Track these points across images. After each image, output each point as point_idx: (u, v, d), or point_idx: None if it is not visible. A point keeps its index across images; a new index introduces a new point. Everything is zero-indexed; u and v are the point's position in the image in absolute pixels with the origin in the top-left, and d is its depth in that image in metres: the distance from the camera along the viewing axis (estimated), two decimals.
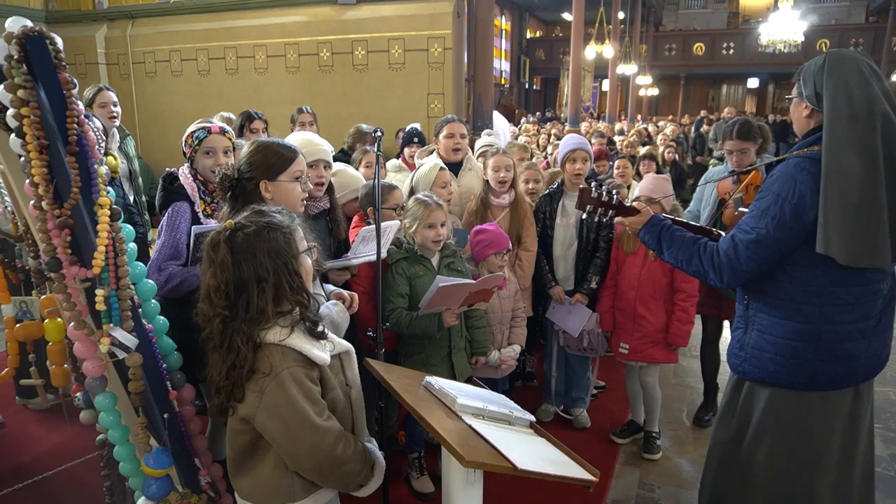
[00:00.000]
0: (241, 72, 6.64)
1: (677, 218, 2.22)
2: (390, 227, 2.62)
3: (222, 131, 2.43)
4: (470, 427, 1.54)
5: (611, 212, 2.18)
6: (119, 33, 7.08)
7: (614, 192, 2.18)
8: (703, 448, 3.35)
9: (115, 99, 3.95)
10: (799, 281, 1.85)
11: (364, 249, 2.60)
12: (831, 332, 1.85)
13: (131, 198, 3.90)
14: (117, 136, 4.00)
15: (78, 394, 2.20)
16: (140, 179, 4.12)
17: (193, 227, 2.15)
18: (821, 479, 1.93)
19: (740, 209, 2.57)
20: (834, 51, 1.87)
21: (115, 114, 3.91)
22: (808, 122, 1.91)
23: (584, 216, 2.20)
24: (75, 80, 1.57)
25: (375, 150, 2.45)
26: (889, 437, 3.54)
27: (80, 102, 1.58)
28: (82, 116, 1.57)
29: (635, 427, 3.47)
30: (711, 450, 2.21)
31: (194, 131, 2.40)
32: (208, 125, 2.43)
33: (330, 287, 2.32)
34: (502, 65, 23.76)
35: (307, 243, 1.62)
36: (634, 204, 2.19)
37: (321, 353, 1.55)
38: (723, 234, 2.15)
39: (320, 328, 1.58)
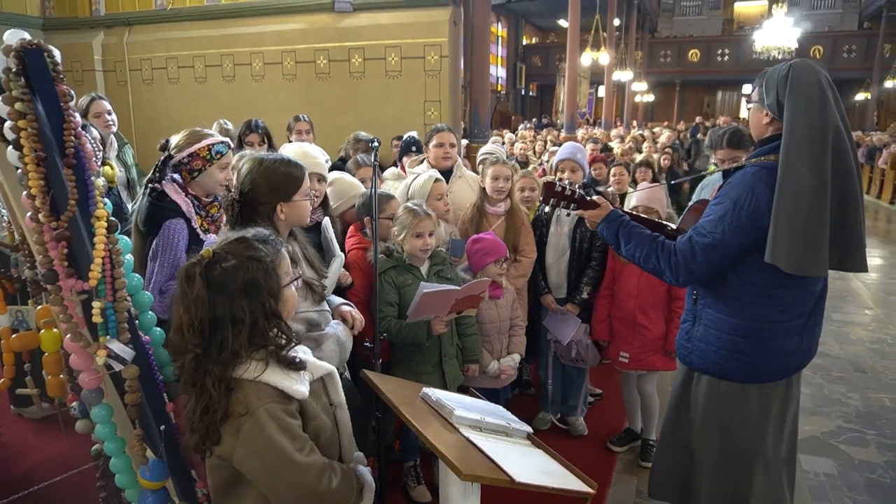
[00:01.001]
0: (237, 79, 6.65)
1: (636, 213, 2.30)
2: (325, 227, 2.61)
3: (232, 146, 2.44)
4: (467, 439, 1.54)
5: (573, 205, 2.23)
6: (116, 40, 7.09)
7: (577, 187, 2.25)
8: None
9: (109, 107, 3.95)
10: (746, 282, 1.95)
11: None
12: (771, 330, 1.97)
13: (129, 206, 3.89)
14: (115, 144, 4.00)
15: (74, 403, 2.19)
16: (138, 188, 4.10)
17: (206, 245, 2.09)
18: (757, 462, 2.07)
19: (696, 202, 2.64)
20: (797, 62, 1.92)
21: (110, 122, 3.91)
22: (766, 128, 1.98)
23: (547, 209, 2.25)
24: (72, 93, 1.57)
25: (373, 159, 2.47)
26: (884, 443, 3.55)
27: (77, 115, 1.58)
28: (79, 128, 1.57)
29: (632, 435, 3.47)
30: (662, 437, 2.34)
31: (213, 144, 2.35)
32: (226, 140, 2.41)
33: (336, 300, 2.31)
34: (498, 71, 23.85)
35: (293, 273, 1.59)
36: (595, 198, 2.23)
37: (299, 386, 1.49)
38: (679, 228, 2.23)
39: (298, 360, 1.52)
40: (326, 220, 2.57)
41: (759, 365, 2.00)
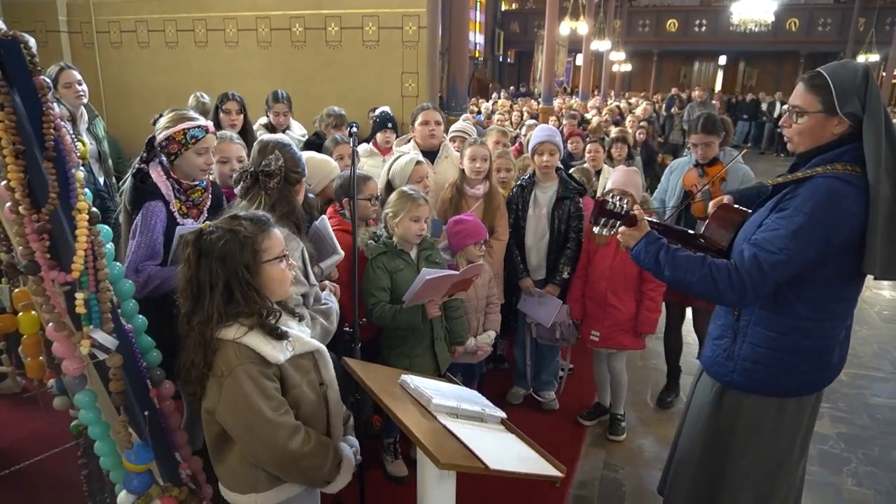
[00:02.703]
0: (210, 45, 6.49)
1: (660, 221, 2.17)
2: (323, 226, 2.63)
3: (210, 130, 2.42)
4: (444, 427, 1.62)
5: (619, 223, 2.01)
6: (82, 0, 6.82)
7: (625, 201, 2.01)
8: (666, 429, 3.53)
9: (80, 77, 3.85)
10: (806, 299, 1.86)
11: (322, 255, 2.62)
12: (824, 346, 1.92)
13: (101, 180, 3.83)
14: (86, 116, 3.91)
15: (51, 380, 2.20)
16: (110, 161, 4.04)
17: (178, 229, 2.14)
18: (788, 473, 2.07)
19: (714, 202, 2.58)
20: (863, 64, 1.83)
21: (80, 93, 3.82)
22: (831, 136, 1.82)
23: (597, 230, 2.01)
24: (50, 84, 1.55)
25: (352, 145, 2.47)
26: (836, 416, 3.75)
27: (56, 106, 1.57)
28: (59, 120, 1.56)
29: (601, 409, 3.61)
30: (684, 460, 2.23)
31: (188, 129, 2.33)
32: (204, 124, 2.39)
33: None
34: (476, 37, 23.48)
35: (280, 250, 1.67)
36: (634, 212, 2.00)
37: (276, 352, 1.60)
38: (707, 236, 2.10)
39: (280, 331, 1.64)
40: (324, 219, 2.61)
41: (806, 379, 1.95)
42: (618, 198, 1.99)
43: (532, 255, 3.49)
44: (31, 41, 1.53)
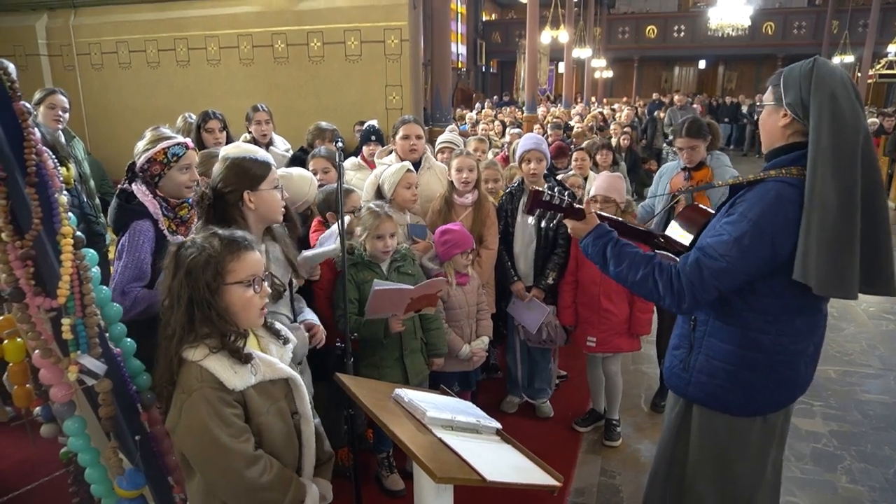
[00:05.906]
0: (192, 64, 6.47)
1: (616, 217, 2.10)
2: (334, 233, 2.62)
3: (190, 146, 2.40)
4: (440, 440, 1.61)
5: (559, 215, 1.99)
6: (61, 23, 6.80)
7: (566, 193, 1.95)
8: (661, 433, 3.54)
9: (66, 105, 3.81)
10: (757, 310, 1.77)
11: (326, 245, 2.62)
12: (782, 362, 1.80)
13: (87, 201, 3.79)
14: (62, 139, 3.87)
15: (37, 408, 2.17)
16: (91, 182, 4.01)
17: None
18: (759, 494, 1.97)
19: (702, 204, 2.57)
20: (821, 58, 1.71)
21: (60, 118, 3.78)
22: (783, 132, 1.75)
23: (532, 221, 1.97)
24: (31, 109, 1.54)
25: (338, 159, 2.47)
26: (828, 414, 3.77)
27: (37, 132, 1.55)
28: (40, 146, 1.55)
29: (596, 415, 3.60)
30: (656, 472, 2.15)
31: (168, 147, 2.31)
32: (183, 140, 2.37)
33: (309, 316, 2.38)
34: (458, 48, 23.63)
35: (247, 275, 1.59)
36: (584, 206, 1.98)
37: (235, 379, 1.54)
38: (667, 235, 2.02)
39: (244, 353, 1.58)
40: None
41: (766, 398, 1.83)
42: (556, 189, 1.89)
43: (521, 261, 3.50)
44: (11, 67, 1.52)
